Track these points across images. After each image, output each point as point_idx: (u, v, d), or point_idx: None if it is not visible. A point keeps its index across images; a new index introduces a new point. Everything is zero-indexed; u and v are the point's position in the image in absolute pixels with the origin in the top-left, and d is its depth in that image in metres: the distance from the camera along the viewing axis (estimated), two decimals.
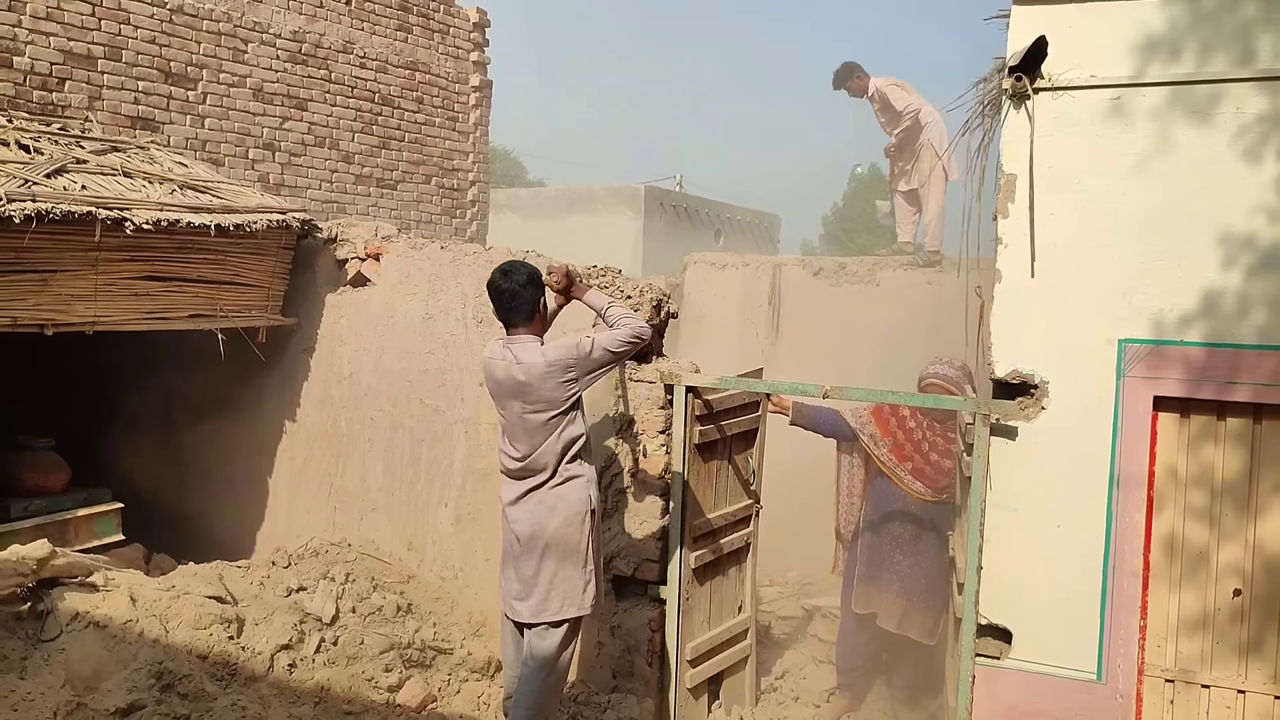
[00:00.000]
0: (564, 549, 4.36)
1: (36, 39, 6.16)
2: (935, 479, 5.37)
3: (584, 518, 4.38)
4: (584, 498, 4.39)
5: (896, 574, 5.40)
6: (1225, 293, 3.95)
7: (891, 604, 5.42)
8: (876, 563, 5.48)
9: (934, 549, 5.38)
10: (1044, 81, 4.15)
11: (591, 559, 4.43)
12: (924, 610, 5.38)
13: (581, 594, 4.41)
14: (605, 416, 5.21)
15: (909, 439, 5.45)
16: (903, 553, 5.42)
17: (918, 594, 5.38)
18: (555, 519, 4.35)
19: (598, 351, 4.32)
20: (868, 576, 5.51)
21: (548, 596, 4.38)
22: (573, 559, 4.37)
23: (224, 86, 7.27)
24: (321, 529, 6.20)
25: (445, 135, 9.28)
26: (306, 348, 6.40)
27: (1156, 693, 4.16)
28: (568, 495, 4.37)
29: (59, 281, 5.16)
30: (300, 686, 4.72)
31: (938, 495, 5.38)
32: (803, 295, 9.47)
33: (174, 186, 5.82)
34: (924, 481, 5.40)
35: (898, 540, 5.44)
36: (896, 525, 5.45)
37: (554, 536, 4.35)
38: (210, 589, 4.93)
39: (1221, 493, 4.06)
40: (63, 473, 5.96)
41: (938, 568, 5.37)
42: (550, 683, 4.44)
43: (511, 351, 4.36)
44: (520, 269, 4.42)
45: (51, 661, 4.29)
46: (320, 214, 7.57)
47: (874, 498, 5.57)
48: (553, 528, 4.35)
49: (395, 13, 8.65)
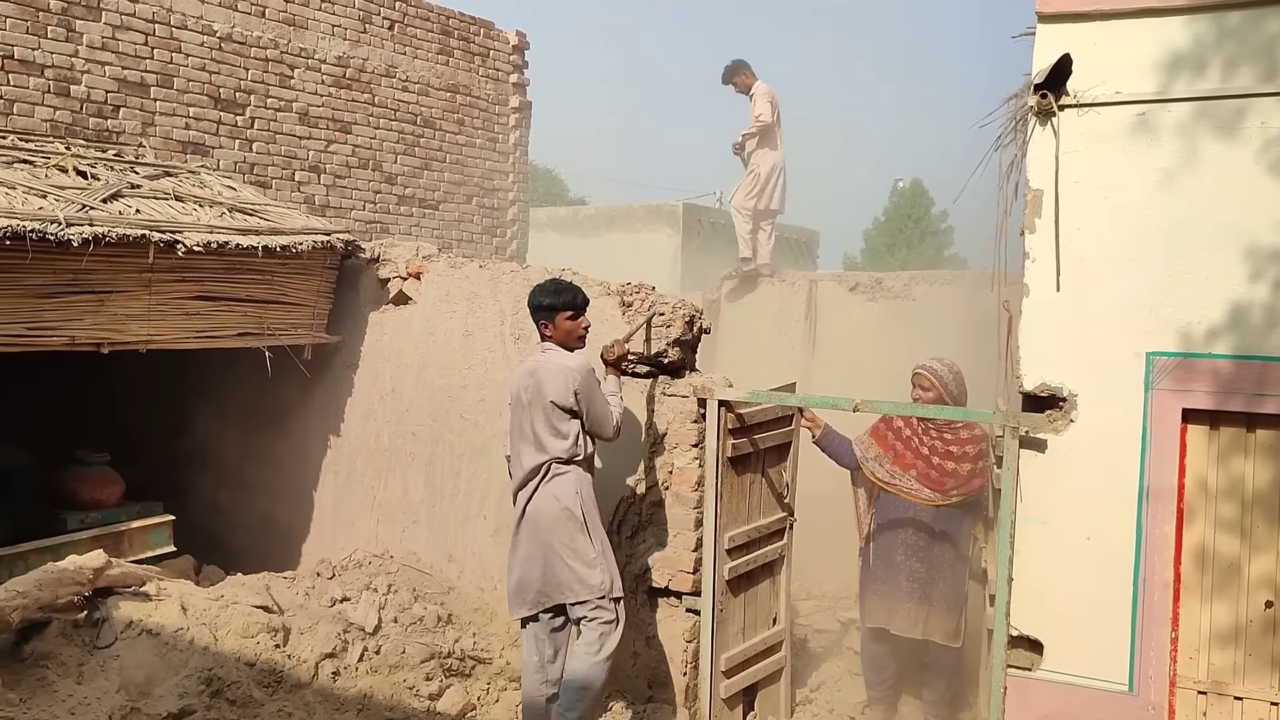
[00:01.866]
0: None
1: (93, 68, 6.41)
2: (940, 481, 5.38)
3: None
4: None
5: (915, 580, 5.42)
6: (1253, 305, 3.97)
7: (912, 611, 5.43)
8: (890, 573, 5.50)
9: (947, 552, 5.42)
10: (1069, 98, 4.20)
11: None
12: (945, 613, 5.40)
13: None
14: (638, 430, 5.30)
15: (908, 447, 5.48)
16: (917, 559, 5.43)
17: (936, 597, 5.39)
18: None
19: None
20: (883, 589, 5.53)
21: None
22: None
23: (271, 111, 7.49)
24: (365, 541, 6.34)
25: (485, 156, 9.46)
26: (350, 364, 6.57)
27: (1189, 705, 4.16)
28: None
29: (114, 302, 5.36)
30: (343, 694, 4.85)
31: (946, 498, 5.39)
32: (839, 310, 9.51)
33: (223, 209, 6.02)
34: (930, 485, 5.40)
35: (909, 547, 5.45)
36: (906, 533, 5.46)
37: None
38: (258, 599, 5.09)
39: (1252, 504, 4.07)
40: (117, 486, 6.15)
41: (952, 570, 5.41)
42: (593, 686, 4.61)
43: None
44: (537, 290, 4.83)
45: (107, 667, 4.45)
46: (364, 234, 7.76)
47: (880, 510, 5.59)
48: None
49: (437, 37, 8.85)
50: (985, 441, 5.36)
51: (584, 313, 4.84)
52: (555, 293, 4.77)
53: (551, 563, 4.62)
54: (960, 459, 5.38)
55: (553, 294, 4.77)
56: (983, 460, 5.34)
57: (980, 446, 5.36)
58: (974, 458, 5.36)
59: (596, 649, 4.55)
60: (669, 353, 5.26)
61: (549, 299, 4.76)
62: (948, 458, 5.39)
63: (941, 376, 5.44)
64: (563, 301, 4.75)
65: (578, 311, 4.80)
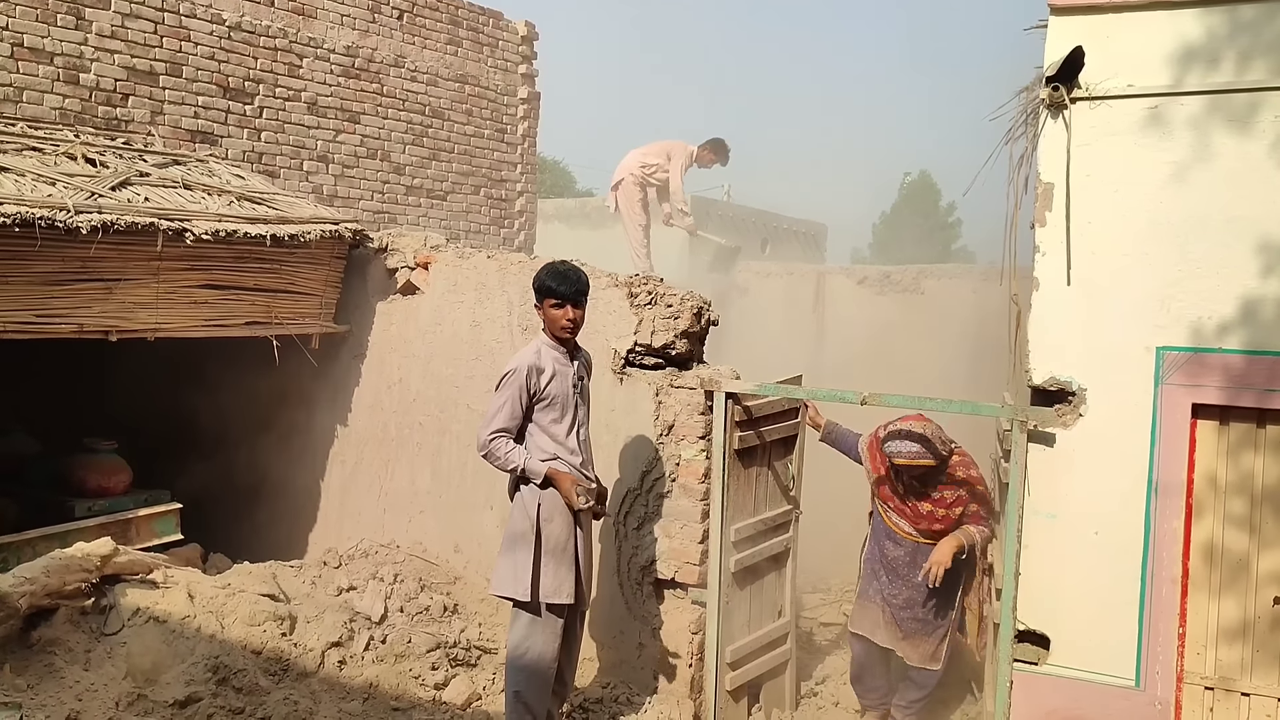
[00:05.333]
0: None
1: (102, 56, 6.41)
2: (916, 520, 5.18)
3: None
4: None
5: (893, 605, 5.29)
6: (1264, 300, 3.95)
7: (891, 629, 5.30)
8: (875, 587, 5.36)
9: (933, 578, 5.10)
10: (1081, 91, 4.19)
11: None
12: (923, 638, 5.23)
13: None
14: (645, 422, 5.30)
15: (894, 492, 5.28)
16: (902, 580, 5.24)
17: (915, 621, 5.22)
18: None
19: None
20: (868, 602, 5.41)
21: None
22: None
23: (280, 101, 7.49)
24: (371, 530, 6.35)
25: (494, 147, 9.45)
26: (358, 354, 6.57)
27: (1196, 700, 4.16)
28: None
29: (123, 290, 5.37)
30: (349, 683, 4.86)
31: (923, 537, 5.18)
32: (847, 303, 9.51)
33: (232, 198, 6.02)
34: (907, 520, 5.21)
35: (894, 567, 5.28)
36: (894, 551, 5.28)
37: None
38: (264, 587, 5.10)
39: (1262, 500, 4.06)
40: (124, 474, 6.16)
41: (939, 595, 5.16)
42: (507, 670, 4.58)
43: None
44: (539, 270, 4.66)
45: (114, 654, 4.46)
46: (371, 224, 7.76)
47: (874, 525, 5.45)
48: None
49: (445, 27, 8.84)
50: (967, 486, 5.14)
51: (572, 304, 4.52)
52: (546, 276, 4.53)
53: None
54: (951, 506, 5.14)
55: (543, 277, 4.54)
56: (967, 503, 5.12)
57: (959, 492, 5.13)
58: (960, 502, 5.13)
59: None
60: (676, 345, 5.25)
61: (538, 281, 4.55)
62: (938, 505, 5.16)
63: (920, 454, 5.02)
64: (547, 287, 4.51)
65: (562, 300, 4.50)
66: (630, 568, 5.33)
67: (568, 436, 4.57)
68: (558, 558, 4.49)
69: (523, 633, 4.50)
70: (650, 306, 5.34)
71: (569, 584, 4.51)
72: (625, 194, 9.67)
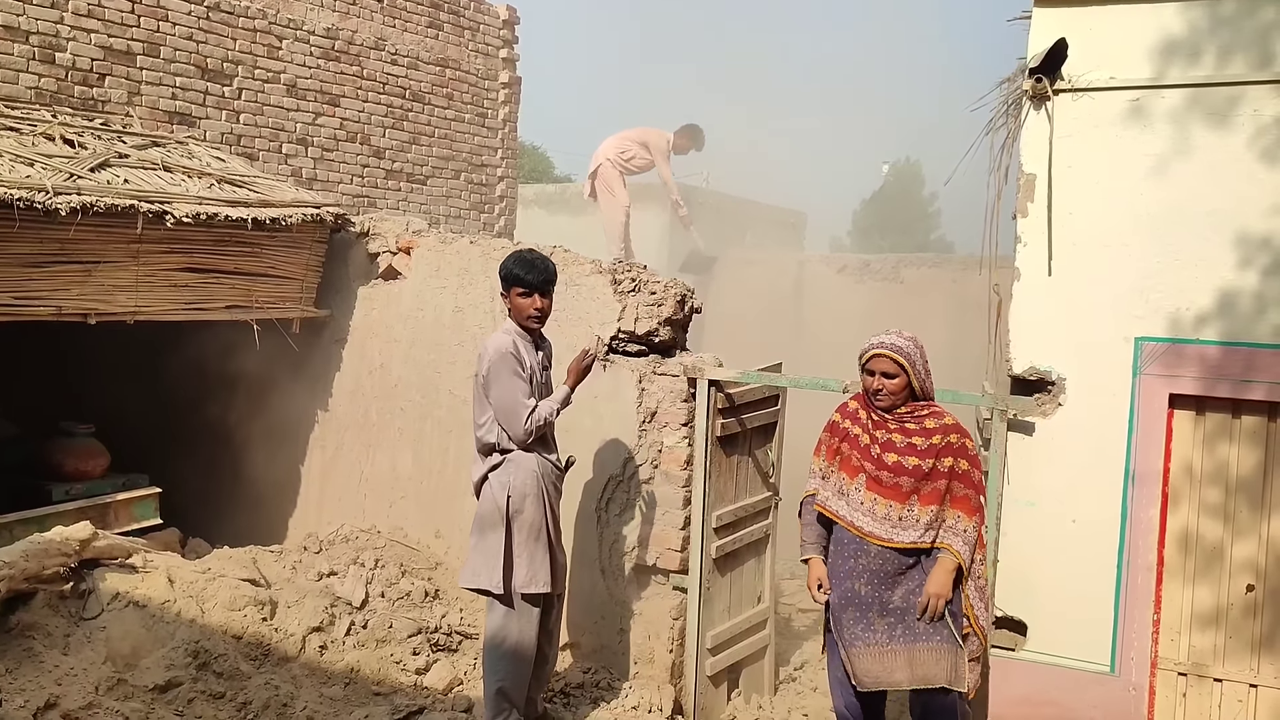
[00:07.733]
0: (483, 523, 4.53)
1: (78, 35, 6.32)
2: (895, 486, 3.96)
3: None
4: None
5: (894, 626, 4.01)
6: (1242, 292, 4.01)
7: (895, 657, 4.00)
8: (862, 621, 4.04)
9: (923, 573, 4.00)
10: (1064, 83, 4.22)
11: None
12: (938, 649, 3.96)
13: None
14: (628, 409, 5.31)
15: (855, 446, 4.10)
16: (892, 591, 4.00)
17: (922, 633, 3.96)
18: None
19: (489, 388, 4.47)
20: (856, 640, 4.06)
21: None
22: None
23: (259, 83, 7.43)
24: (352, 516, 6.34)
25: (474, 131, 9.41)
26: (339, 339, 6.55)
27: (1169, 686, 4.23)
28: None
29: (102, 272, 5.32)
30: (331, 667, 4.86)
31: (898, 524, 3.97)
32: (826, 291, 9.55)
33: (212, 181, 5.97)
34: (881, 492, 3.98)
35: (876, 582, 4.01)
36: (876, 565, 4.02)
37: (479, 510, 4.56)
38: (244, 572, 5.09)
39: (1236, 489, 4.12)
40: (102, 458, 6.11)
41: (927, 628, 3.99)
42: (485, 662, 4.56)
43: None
44: (505, 258, 4.62)
45: (93, 639, 4.44)
46: (351, 208, 7.71)
47: (833, 553, 4.21)
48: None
49: (426, 10, 8.78)
50: (954, 433, 3.97)
51: (540, 293, 4.45)
52: (513, 264, 4.48)
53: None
54: (923, 454, 3.93)
55: (510, 265, 4.49)
56: (948, 460, 3.94)
57: (949, 439, 3.94)
58: (936, 453, 3.93)
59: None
60: (660, 332, 5.27)
61: (504, 269, 4.51)
62: (907, 452, 3.96)
63: (909, 355, 3.98)
64: (514, 275, 4.46)
65: (529, 289, 4.43)
66: (612, 554, 5.35)
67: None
68: (532, 545, 4.46)
69: (498, 624, 4.48)
70: (634, 293, 5.34)
71: (544, 571, 4.48)
72: (603, 180, 9.67)
